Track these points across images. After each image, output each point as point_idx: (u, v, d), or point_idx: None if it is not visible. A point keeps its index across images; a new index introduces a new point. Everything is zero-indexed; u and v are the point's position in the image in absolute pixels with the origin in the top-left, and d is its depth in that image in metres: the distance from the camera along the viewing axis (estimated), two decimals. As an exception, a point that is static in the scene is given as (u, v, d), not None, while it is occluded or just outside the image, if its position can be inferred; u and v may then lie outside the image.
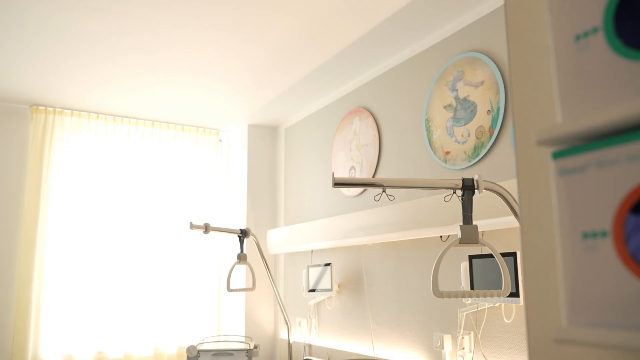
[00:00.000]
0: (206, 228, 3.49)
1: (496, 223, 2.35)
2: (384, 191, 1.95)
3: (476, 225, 1.87)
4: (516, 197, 2.16)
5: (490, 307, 2.46)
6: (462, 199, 1.92)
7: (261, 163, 4.56)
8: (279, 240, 4.16)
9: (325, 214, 3.87)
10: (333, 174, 1.97)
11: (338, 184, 1.98)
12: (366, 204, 3.44)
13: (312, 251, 3.95)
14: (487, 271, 2.38)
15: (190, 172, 4.51)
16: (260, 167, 4.55)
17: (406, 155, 3.13)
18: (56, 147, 4.02)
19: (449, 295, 1.88)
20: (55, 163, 4.00)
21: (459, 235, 1.88)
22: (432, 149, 2.92)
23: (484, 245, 1.87)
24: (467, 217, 1.90)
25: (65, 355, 3.84)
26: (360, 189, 3.48)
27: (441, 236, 2.80)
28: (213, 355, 3.75)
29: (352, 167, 3.59)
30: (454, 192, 1.95)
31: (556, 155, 0.48)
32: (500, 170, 2.50)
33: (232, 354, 3.78)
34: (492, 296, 1.85)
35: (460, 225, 1.88)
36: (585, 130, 0.43)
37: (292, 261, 4.28)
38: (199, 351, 3.72)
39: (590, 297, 0.42)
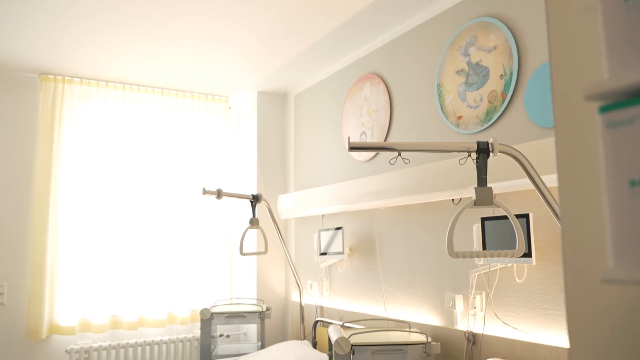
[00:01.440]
0: (219, 193, 3.54)
1: (508, 185, 2.39)
2: (399, 155, 1.98)
3: (491, 188, 1.91)
4: (530, 160, 2.19)
5: (503, 267, 2.52)
6: (476, 161, 1.95)
7: (271, 129, 4.58)
8: (290, 205, 4.21)
9: (335, 179, 3.91)
10: (349, 138, 2.00)
11: (354, 147, 2.00)
12: (377, 169, 3.48)
13: (323, 215, 4.01)
14: (499, 233, 2.43)
15: (200, 139, 4.54)
16: (270, 134, 4.57)
17: (418, 120, 3.14)
18: (66, 115, 4.05)
19: (464, 255, 1.93)
20: (66, 131, 4.03)
21: (474, 197, 1.91)
22: (444, 113, 2.94)
23: (498, 206, 1.91)
24: (482, 180, 1.94)
25: (81, 319, 3.94)
26: (372, 154, 3.51)
27: (453, 199, 2.84)
28: (226, 317, 3.85)
29: (363, 133, 3.61)
30: (469, 155, 1.98)
31: (603, 109, 0.51)
32: (513, 134, 2.52)
33: (245, 316, 3.87)
34: (506, 256, 1.90)
35: (475, 188, 1.91)
36: (633, 85, 0.46)
37: (302, 226, 4.35)
38: (212, 314, 3.82)
39: (636, 240, 0.46)
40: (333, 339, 2.58)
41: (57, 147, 3.96)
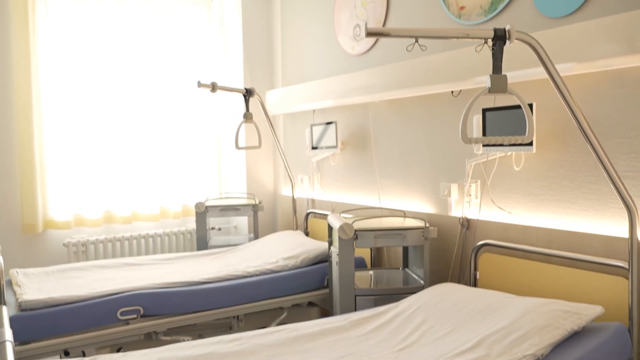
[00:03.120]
0: (213, 87, 3.49)
1: (512, 76, 2.43)
2: (416, 41, 1.98)
3: (505, 75, 1.95)
4: (545, 48, 2.22)
5: (502, 156, 2.63)
6: (492, 49, 1.97)
7: (256, 22, 4.44)
8: (278, 101, 4.19)
9: (326, 73, 3.88)
10: (366, 23, 1.98)
11: (371, 33, 1.99)
12: (371, 62, 3.46)
13: (314, 111, 4.02)
14: (499, 123, 2.51)
15: (183, 34, 4.37)
16: (256, 27, 4.44)
17: (417, 10, 3.10)
18: (40, 6, 3.80)
19: (477, 141, 2.01)
20: (41, 23, 3.80)
21: (488, 85, 1.96)
22: (445, 3, 2.90)
23: (512, 94, 1.97)
24: (497, 67, 1.97)
25: (75, 214, 3.97)
26: (367, 47, 3.47)
27: (452, 91, 2.88)
28: (220, 210, 3.94)
29: (357, 25, 3.55)
30: (485, 42, 2.00)
31: None
32: (519, 24, 2.53)
33: (239, 209, 3.98)
34: (516, 142, 1.98)
35: (490, 75, 1.95)
36: None
37: (291, 121, 4.36)
38: (206, 207, 3.90)
39: None
40: (336, 226, 2.70)
41: (34, 40, 3.75)
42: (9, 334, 1.59)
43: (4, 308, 1.91)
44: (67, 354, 2.54)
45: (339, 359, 1.88)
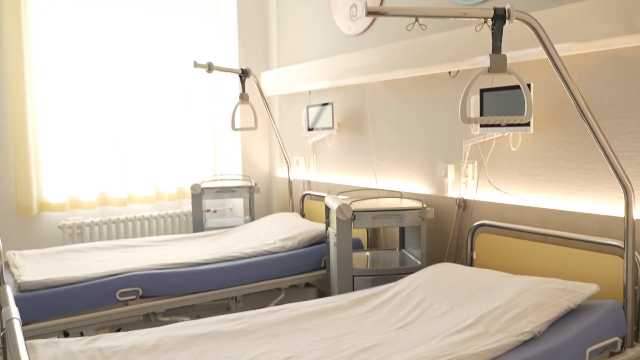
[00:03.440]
0: (209, 67, 3.47)
1: (510, 57, 2.43)
2: (416, 20, 1.97)
3: (505, 55, 1.94)
4: (545, 28, 2.22)
5: (499, 137, 2.64)
6: (492, 28, 1.97)
7: (251, 2, 4.39)
8: (274, 82, 4.17)
9: (321, 54, 3.86)
10: (366, 2, 1.97)
11: (371, 12, 1.98)
12: (367, 43, 3.45)
13: (309, 92, 4.00)
14: (496, 103, 2.51)
15: (178, 15, 4.31)
16: (251, 7, 4.39)
17: (414, -9, 3.08)
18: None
19: (476, 121, 2.01)
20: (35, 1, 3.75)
21: (488, 64, 1.96)
22: (442, -16, 2.88)
23: (511, 74, 1.97)
24: (497, 47, 1.96)
25: (70, 196, 3.95)
26: (363, 27, 3.44)
27: (450, 72, 2.88)
28: (216, 192, 3.94)
29: (353, 5, 3.52)
30: (485, 22, 1.99)
31: None
32: (518, 3, 2.52)
33: (235, 191, 3.98)
34: (515, 122, 1.99)
35: (490, 55, 1.95)
36: None
37: (287, 103, 4.34)
38: (202, 189, 3.90)
39: None
40: (334, 207, 2.71)
41: (27, 24, 3.68)
42: (15, 312, 1.59)
43: (8, 287, 1.91)
44: (66, 334, 2.55)
45: (340, 337, 1.91)
